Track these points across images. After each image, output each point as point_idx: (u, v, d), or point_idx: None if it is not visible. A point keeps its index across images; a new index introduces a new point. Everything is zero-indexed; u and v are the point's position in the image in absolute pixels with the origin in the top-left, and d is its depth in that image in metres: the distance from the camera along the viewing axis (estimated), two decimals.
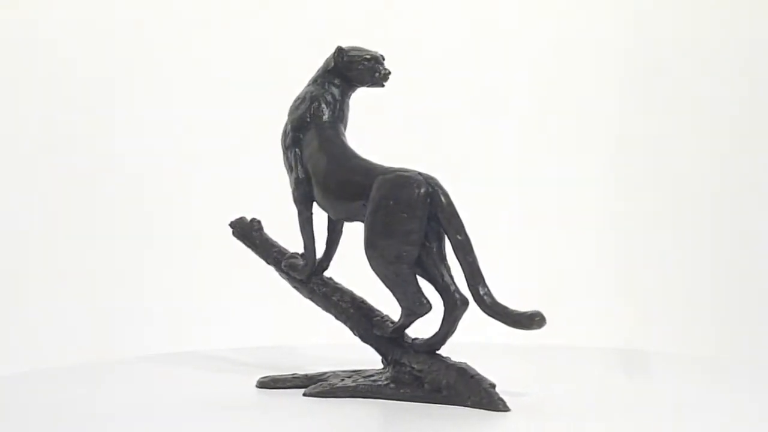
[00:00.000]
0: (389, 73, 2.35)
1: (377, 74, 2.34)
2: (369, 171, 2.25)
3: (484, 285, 2.21)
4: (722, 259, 3.81)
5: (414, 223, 2.19)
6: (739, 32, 3.83)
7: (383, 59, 2.36)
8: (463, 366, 2.23)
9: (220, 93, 3.68)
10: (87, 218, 3.61)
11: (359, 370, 2.35)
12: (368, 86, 2.38)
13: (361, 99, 2.44)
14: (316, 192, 2.34)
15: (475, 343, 2.78)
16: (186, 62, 3.69)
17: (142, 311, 3.57)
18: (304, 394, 2.32)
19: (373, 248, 2.21)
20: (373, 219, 2.21)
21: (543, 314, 2.16)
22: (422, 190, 2.19)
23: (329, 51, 2.40)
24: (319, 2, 3.77)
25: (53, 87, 3.60)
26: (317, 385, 2.32)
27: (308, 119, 2.36)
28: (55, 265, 3.57)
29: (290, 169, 2.39)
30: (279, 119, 2.42)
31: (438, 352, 2.26)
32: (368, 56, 2.34)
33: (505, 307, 2.19)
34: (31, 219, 3.58)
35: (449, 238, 2.21)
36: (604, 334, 3.57)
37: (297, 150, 2.36)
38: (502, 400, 2.16)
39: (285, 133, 2.39)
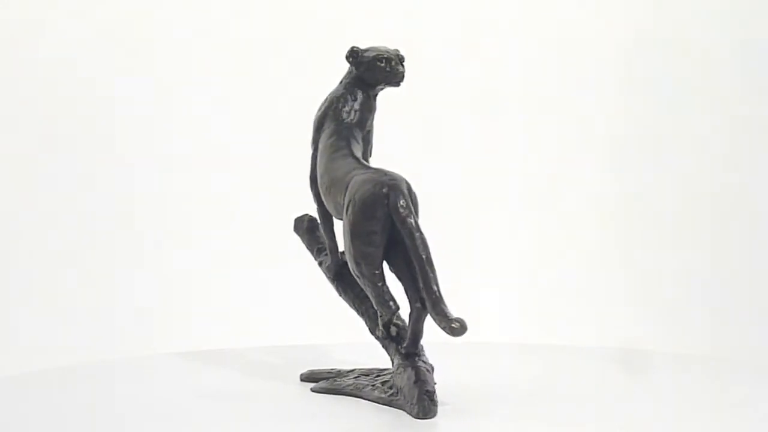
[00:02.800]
0: (402, 72, 2.31)
1: (389, 74, 2.31)
2: (350, 171, 2.24)
3: (434, 286, 2.12)
4: (722, 259, 3.81)
5: (375, 225, 2.15)
6: (739, 31, 3.83)
7: (399, 58, 2.32)
8: (417, 369, 2.18)
9: (220, 92, 3.69)
10: (96, 216, 3.61)
11: (383, 369, 2.35)
12: (384, 86, 2.34)
13: None
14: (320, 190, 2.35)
15: (476, 342, 2.78)
16: (187, 60, 3.69)
17: (168, 310, 3.58)
18: (312, 390, 2.34)
19: (345, 248, 2.22)
20: (344, 219, 2.21)
21: (462, 322, 2.06)
22: (382, 191, 2.15)
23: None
24: (319, 2, 3.77)
25: (54, 86, 3.60)
26: (324, 382, 2.34)
27: (324, 119, 2.36)
28: (65, 265, 3.58)
29: (310, 167, 2.40)
30: (284, 118, 2.42)
31: (419, 352, 2.23)
32: (380, 56, 2.31)
33: (445, 312, 2.11)
34: (33, 218, 3.58)
35: (404, 239, 2.15)
36: (604, 334, 3.57)
37: (315, 150, 2.38)
38: (424, 407, 2.10)
39: (312, 134, 2.41)
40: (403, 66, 2.33)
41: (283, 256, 3.38)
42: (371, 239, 2.16)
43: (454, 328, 2.05)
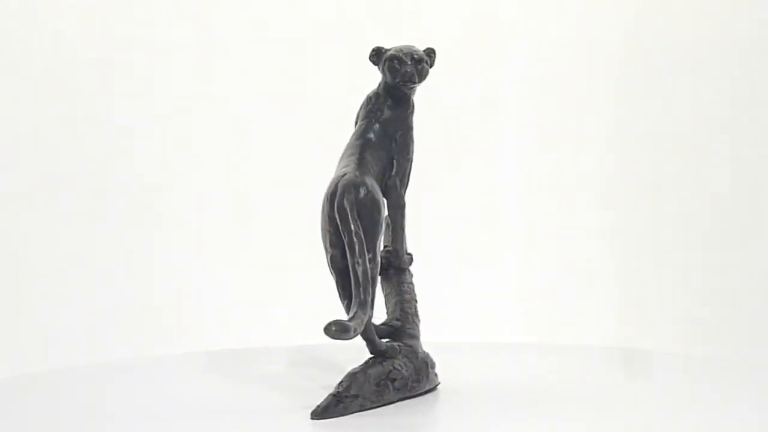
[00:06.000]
0: (408, 72, 2.25)
1: (397, 73, 2.26)
2: (340, 168, 2.23)
3: (359, 289, 2.08)
4: (723, 259, 3.81)
5: (328, 224, 2.14)
6: (739, 30, 3.83)
7: (415, 58, 2.26)
8: (354, 371, 2.15)
9: (220, 91, 3.69)
10: (94, 216, 3.62)
11: None
12: (400, 86, 2.28)
13: (353, 98, 2.42)
14: None
15: (477, 342, 2.78)
16: (193, 57, 3.70)
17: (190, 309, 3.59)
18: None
19: None
20: None
21: (339, 326, 1.98)
22: (332, 191, 2.14)
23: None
24: (316, 2, 3.77)
25: (54, 82, 3.60)
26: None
27: (357, 118, 2.34)
28: (72, 265, 3.58)
29: None
30: (284, 117, 2.41)
31: (390, 355, 2.21)
32: (392, 55, 2.27)
33: (353, 313, 2.07)
34: (33, 217, 3.58)
35: None
36: (604, 334, 3.57)
37: None
38: (319, 407, 2.07)
39: None
40: (415, 66, 2.26)
41: (301, 254, 3.38)
42: (328, 239, 2.15)
43: (326, 327, 1.99)
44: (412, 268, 2.42)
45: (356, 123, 2.36)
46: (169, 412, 2.17)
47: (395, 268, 2.39)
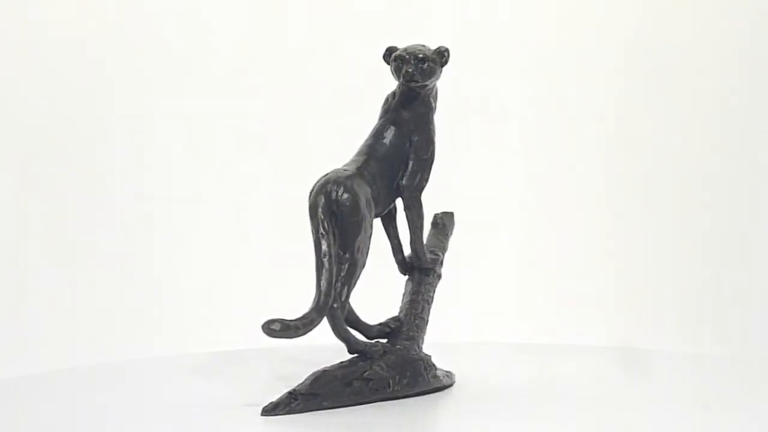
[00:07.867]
0: (408, 72, 2.22)
1: (399, 73, 2.24)
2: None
3: (321, 294, 2.09)
4: (723, 258, 3.81)
5: (310, 225, 2.15)
6: (740, 28, 3.83)
7: (417, 58, 2.23)
8: (320, 369, 2.15)
9: (223, 90, 3.69)
10: (94, 216, 3.62)
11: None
12: (405, 86, 2.26)
13: (356, 97, 2.42)
14: None
15: (477, 342, 2.78)
16: (195, 52, 3.70)
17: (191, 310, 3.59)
18: None
19: None
20: None
21: (272, 323, 2.01)
22: (311, 190, 2.15)
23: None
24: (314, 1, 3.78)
25: (53, 81, 3.60)
26: None
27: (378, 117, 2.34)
28: (66, 266, 3.58)
29: None
30: (287, 116, 2.41)
31: (370, 355, 2.19)
32: (396, 56, 2.25)
33: (309, 316, 2.08)
34: (33, 218, 3.58)
35: None
36: (604, 334, 3.57)
37: None
38: (267, 408, 2.05)
39: None
40: (418, 65, 2.23)
41: (301, 254, 3.38)
42: (313, 238, 2.14)
43: (264, 324, 2.01)
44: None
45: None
46: (169, 412, 2.16)
47: (418, 269, 2.38)
